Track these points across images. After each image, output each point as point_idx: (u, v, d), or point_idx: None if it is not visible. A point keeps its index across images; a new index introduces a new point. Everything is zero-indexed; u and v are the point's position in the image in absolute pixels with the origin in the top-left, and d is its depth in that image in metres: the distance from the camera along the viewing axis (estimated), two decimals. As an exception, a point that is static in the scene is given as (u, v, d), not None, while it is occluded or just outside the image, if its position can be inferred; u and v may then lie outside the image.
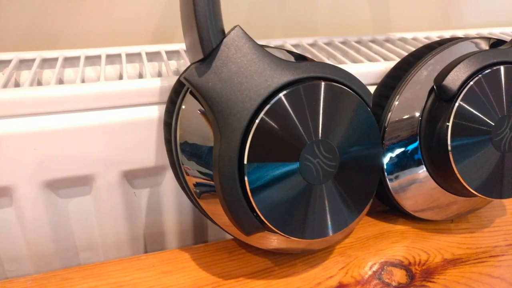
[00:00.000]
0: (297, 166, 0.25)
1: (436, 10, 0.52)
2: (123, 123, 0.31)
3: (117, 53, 0.37)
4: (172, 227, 0.38)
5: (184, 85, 0.28)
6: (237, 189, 0.24)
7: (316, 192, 0.26)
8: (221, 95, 0.24)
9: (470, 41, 0.34)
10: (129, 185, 0.34)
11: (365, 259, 0.31)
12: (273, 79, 0.24)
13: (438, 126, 0.30)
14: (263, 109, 0.24)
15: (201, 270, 0.30)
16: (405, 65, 0.34)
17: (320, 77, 0.26)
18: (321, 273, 0.30)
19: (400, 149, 0.32)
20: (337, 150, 0.26)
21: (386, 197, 0.34)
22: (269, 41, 0.41)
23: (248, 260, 0.31)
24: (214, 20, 0.23)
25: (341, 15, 0.48)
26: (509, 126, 0.30)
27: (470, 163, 0.29)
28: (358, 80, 0.27)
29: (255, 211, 0.25)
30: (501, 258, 0.32)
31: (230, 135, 0.24)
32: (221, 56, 0.24)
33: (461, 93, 0.29)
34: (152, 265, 0.30)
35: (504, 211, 0.37)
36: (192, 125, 0.26)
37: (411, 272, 0.30)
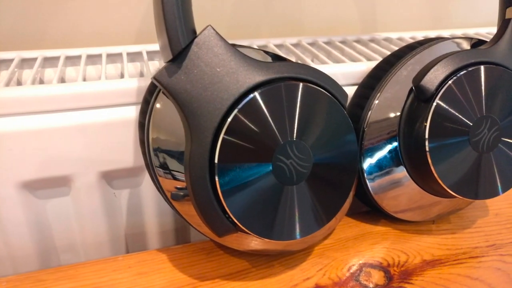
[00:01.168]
0: (269, 167, 0.25)
1: (423, 10, 0.51)
2: (101, 124, 0.31)
3: (98, 54, 0.37)
4: (153, 228, 0.37)
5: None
6: (208, 191, 0.24)
7: (290, 193, 0.25)
8: (192, 95, 0.24)
9: (451, 41, 0.34)
10: (108, 186, 0.34)
11: (344, 260, 0.31)
12: (245, 79, 0.24)
13: (417, 127, 0.30)
14: (234, 110, 0.24)
15: (178, 271, 0.30)
16: (386, 65, 0.34)
17: (293, 78, 0.25)
18: (298, 275, 0.30)
19: (380, 149, 0.32)
20: (310, 150, 0.25)
21: (366, 198, 0.33)
22: (252, 41, 0.41)
23: (225, 261, 0.31)
24: (184, 20, 0.23)
25: (329, 15, 0.48)
26: (488, 127, 0.29)
27: (448, 164, 0.29)
28: (333, 80, 0.27)
29: (227, 213, 0.24)
30: (481, 259, 0.32)
31: (201, 135, 0.24)
32: (192, 56, 0.24)
33: (439, 93, 0.29)
34: (128, 266, 0.30)
35: (486, 211, 0.37)
36: (164, 126, 0.26)
37: (389, 274, 0.30)
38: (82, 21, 0.40)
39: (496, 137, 0.30)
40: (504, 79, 0.30)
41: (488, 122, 0.29)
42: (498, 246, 0.33)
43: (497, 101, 0.29)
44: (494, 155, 0.30)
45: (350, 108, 0.34)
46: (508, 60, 0.30)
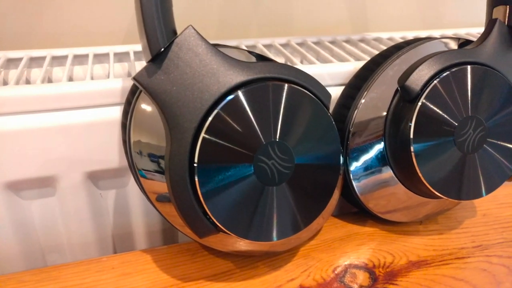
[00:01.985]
0: (251, 167, 0.24)
1: (415, 10, 0.51)
2: (86, 124, 0.31)
3: (85, 54, 0.37)
4: (140, 228, 0.37)
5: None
6: (188, 192, 0.24)
7: (271, 194, 0.25)
8: (171, 95, 0.23)
9: (438, 41, 0.34)
10: (94, 187, 0.34)
11: (329, 261, 0.31)
12: (226, 79, 0.24)
13: (402, 127, 0.30)
14: (214, 110, 0.23)
15: (161, 272, 0.30)
16: (372, 65, 0.34)
17: (275, 78, 0.25)
18: (282, 276, 0.30)
19: (366, 150, 0.31)
20: (293, 151, 0.25)
21: (353, 199, 0.33)
22: (241, 41, 0.41)
23: (210, 262, 0.30)
24: (163, 21, 0.23)
25: (320, 15, 0.47)
26: (473, 127, 0.29)
27: (433, 164, 0.29)
28: (316, 81, 0.27)
29: (208, 214, 0.24)
30: (466, 260, 0.32)
31: (181, 136, 0.23)
32: (172, 56, 0.24)
33: (424, 93, 0.29)
34: (112, 267, 0.30)
35: (474, 212, 0.37)
36: (145, 126, 0.26)
37: (374, 275, 0.30)
38: (69, 21, 0.39)
39: (481, 137, 0.30)
40: (489, 79, 0.29)
41: (473, 122, 0.29)
42: (484, 247, 0.33)
43: (482, 101, 0.29)
44: (479, 155, 0.30)
45: (336, 108, 0.34)
46: (493, 60, 0.30)
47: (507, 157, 0.30)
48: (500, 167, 0.30)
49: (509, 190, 0.39)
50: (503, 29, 0.31)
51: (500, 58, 0.30)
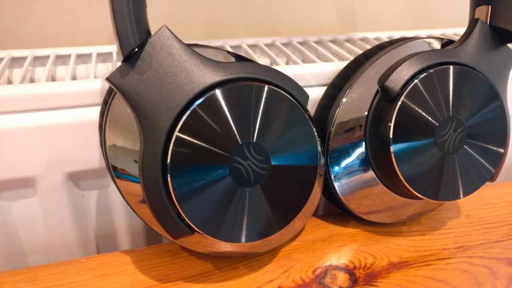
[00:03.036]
0: (226, 168, 0.24)
1: (403, 10, 0.51)
2: (65, 124, 0.31)
3: (67, 54, 0.37)
4: (123, 229, 0.37)
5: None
6: (161, 193, 0.24)
7: (247, 195, 0.25)
8: (144, 96, 0.23)
9: (421, 41, 0.34)
10: (75, 187, 0.34)
11: (310, 262, 0.31)
12: (200, 79, 0.24)
13: (382, 127, 0.29)
14: (187, 110, 0.23)
15: (140, 273, 0.29)
16: (355, 65, 0.33)
17: (250, 78, 0.25)
18: (262, 277, 0.29)
19: (347, 150, 0.31)
20: (269, 152, 0.25)
21: (335, 200, 0.33)
22: (226, 41, 0.41)
23: (189, 263, 0.30)
24: (135, 21, 0.22)
25: (307, 15, 0.47)
26: (453, 128, 0.29)
27: (413, 165, 0.29)
28: (293, 81, 0.27)
29: (182, 215, 0.24)
30: (448, 261, 0.31)
31: (154, 136, 0.23)
32: (145, 56, 0.23)
33: (404, 93, 0.28)
34: (90, 268, 0.30)
35: (458, 213, 0.36)
36: (120, 127, 0.26)
37: (354, 276, 0.30)
38: (51, 21, 0.39)
39: (462, 138, 0.29)
40: (470, 79, 0.29)
41: (454, 123, 0.29)
42: (467, 247, 0.33)
43: (463, 102, 0.29)
44: (460, 156, 0.30)
45: (318, 108, 0.34)
46: (474, 60, 0.30)
47: (487, 158, 0.30)
48: (480, 168, 0.30)
49: (493, 190, 0.39)
50: (485, 29, 0.31)
51: (481, 58, 0.30)
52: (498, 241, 0.33)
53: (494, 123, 0.30)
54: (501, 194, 0.39)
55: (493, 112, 0.30)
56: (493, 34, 0.31)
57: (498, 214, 0.36)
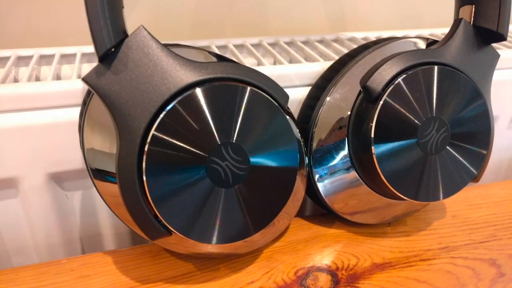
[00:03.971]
0: (203, 169, 0.24)
1: (393, 9, 0.51)
2: (47, 125, 0.31)
3: (51, 54, 0.37)
4: (108, 229, 0.37)
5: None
6: (137, 194, 0.23)
7: (225, 196, 0.25)
8: (120, 96, 0.23)
9: (405, 41, 0.34)
10: (59, 188, 0.34)
11: (292, 263, 0.31)
12: (176, 80, 0.24)
13: (364, 127, 0.29)
14: (163, 111, 0.23)
15: (121, 274, 0.29)
16: (339, 65, 0.33)
17: (228, 78, 0.25)
18: (243, 278, 0.29)
19: (329, 151, 0.31)
20: (247, 152, 0.25)
21: (318, 200, 0.33)
22: (213, 41, 0.41)
23: (171, 264, 0.30)
24: (110, 21, 0.22)
25: (296, 15, 0.47)
26: (436, 128, 0.29)
27: (395, 165, 0.29)
28: (272, 81, 0.26)
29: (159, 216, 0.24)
30: (431, 262, 0.31)
31: (129, 137, 0.23)
32: (121, 56, 0.23)
33: (385, 94, 0.28)
34: (71, 269, 0.29)
35: (443, 213, 0.36)
36: (97, 128, 0.25)
37: (336, 277, 0.30)
38: (35, 21, 0.39)
39: (445, 138, 0.29)
40: (452, 79, 0.29)
41: (437, 123, 0.29)
42: (451, 248, 0.32)
43: (446, 102, 0.29)
44: (443, 157, 0.29)
45: (302, 109, 0.34)
46: (456, 60, 0.30)
47: (470, 159, 0.30)
48: (463, 169, 0.30)
49: (480, 191, 0.39)
50: (468, 29, 0.30)
51: (464, 58, 0.30)
52: (482, 242, 0.33)
53: (477, 123, 0.30)
54: (488, 194, 0.39)
55: (476, 112, 0.30)
56: (476, 34, 0.31)
57: (483, 215, 0.36)
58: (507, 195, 0.39)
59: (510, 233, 0.34)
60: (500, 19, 0.30)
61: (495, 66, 0.32)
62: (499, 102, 0.43)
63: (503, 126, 0.45)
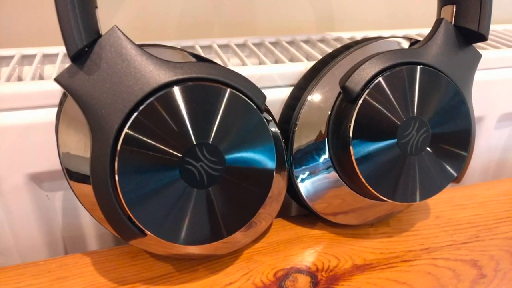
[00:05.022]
0: (177, 170, 0.24)
1: (382, 9, 0.51)
2: (26, 125, 0.31)
3: (33, 54, 0.36)
4: (91, 229, 0.37)
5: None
6: (110, 195, 0.23)
7: (200, 197, 0.25)
8: (93, 96, 0.23)
9: (387, 40, 0.34)
10: (39, 188, 0.34)
11: (272, 265, 0.31)
12: (150, 80, 0.23)
13: (343, 127, 0.29)
14: (136, 111, 0.23)
15: (98, 275, 0.29)
16: (321, 65, 0.33)
17: (203, 78, 0.25)
18: (221, 279, 0.29)
19: (309, 151, 0.31)
20: (222, 153, 0.25)
21: (299, 201, 0.33)
22: (197, 41, 0.40)
23: (149, 265, 0.30)
24: (81, 21, 0.22)
25: (284, 14, 0.47)
26: (416, 128, 0.29)
27: (374, 166, 0.29)
28: (249, 81, 0.26)
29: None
30: (412, 263, 0.31)
31: (102, 138, 0.23)
32: (94, 56, 0.23)
33: (364, 94, 0.28)
34: (48, 271, 0.29)
35: (427, 214, 0.36)
36: (72, 128, 0.25)
37: (316, 279, 0.30)
38: (17, 21, 0.39)
39: (425, 139, 0.29)
40: (432, 79, 0.29)
41: (417, 123, 0.29)
42: (432, 249, 0.32)
43: (425, 102, 0.29)
44: (423, 157, 0.29)
45: (284, 109, 0.34)
46: (437, 60, 0.30)
47: (450, 160, 0.30)
48: (443, 170, 0.30)
49: (465, 191, 0.39)
50: (449, 29, 0.30)
51: (444, 58, 0.30)
52: (464, 243, 0.33)
53: (457, 124, 0.30)
54: (473, 195, 0.38)
55: (457, 112, 0.30)
56: (457, 34, 0.30)
57: (467, 216, 0.36)
58: (492, 195, 0.38)
59: (493, 234, 0.34)
60: (481, 19, 0.29)
61: (477, 66, 0.31)
62: (486, 103, 0.43)
63: (490, 127, 0.45)
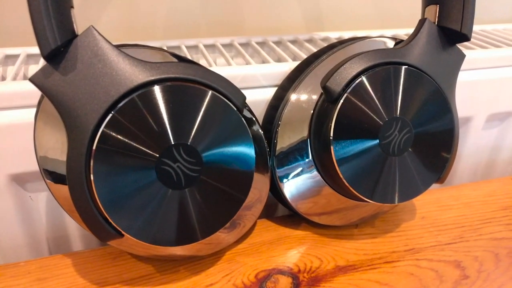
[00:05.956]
0: (153, 170, 0.24)
1: (372, 9, 0.51)
2: (7, 125, 0.30)
3: (17, 54, 0.36)
4: (75, 230, 0.37)
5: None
6: (86, 196, 0.23)
7: (177, 198, 0.25)
8: (69, 96, 0.23)
9: (370, 40, 0.33)
10: (21, 189, 0.34)
11: (253, 266, 0.30)
12: (126, 80, 0.23)
13: (324, 128, 0.29)
14: (111, 112, 0.23)
15: (79, 276, 0.29)
16: (304, 65, 0.33)
17: (180, 79, 0.25)
18: (202, 280, 0.29)
19: (292, 152, 0.31)
20: (200, 153, 0.25)
21: (283, 202, 0.33)
22: (183, 41, 0.40)
23: (130, 266, 0.30)
24: (55, 20, 0.22)
25: (273, 14, 0.47)
26: (398, 129, 0.29)
27: (355, 166, 0.28)
28: (227, 82, 0.26)
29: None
30: (395, 264, 0.31)
31: (78, 138, 0.23)
32: (70, 57, 0.23)
33: (345, 94, 0.28)
34: (28, 272, 0.29)
35: (413, 215, 0.36)
36: (48, 129, 0.25)
37: (297, 280, 0.29)
38: (1, 20, 0.39)
39: (407, 139, 0.29)
40: (414, 79, 0.29)
41: (399, 124, 0.29)
42: (416, 250, 0.32)
43: (407, 103, 0.29)
44: (405, 158, 0.29)
45: (267, 109, 0.34)
46: (419, 60, 0.29)
47: (433, 161, 0.30)
48: (426, 171, 0.30)
49: (452, 192, 0.39)
50: (432, 29, 0.30)
51: (427, 58, 0.30)
52: (449, 244, 0.33)
53: (440, 124, 0.30)
54: (459, 195, 0.38)
55: (439, 113, 0.30)
56: (440, 34, 0.30)
57: (453, 216, 0.36)
58: (479, 196, 0.38)
59: (477, 235, 0.34)
60: (464, 19, 0.29)
61: (460, 66, 0.31)
62: (474, 103, 0.43)
63: (478, 127, 0.45)
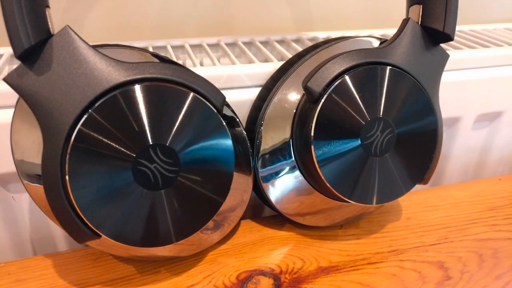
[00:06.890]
0: (129, 171, 0.24)
1: (363, 8, 0.50)
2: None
3: (0, 53, 0.36)
4: (60, 230, 0.37)
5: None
6: (61, 197, 0.23)
7: (153, 199, 0.24)
8: (44, 97, 0.23)
9: (354, 40, 0.33)
10: (4, 190, 0.33)
11: (235, 267, 0.30)
12: (102, 81, 0.23)
13: (305, 128, 0.29)
14: (87, 112, 0.23)
15: (59, 277, 0.29)
16: (288, 65, 0.33)
17: (157, 79, 0.24)
18: (183, 281, 0.29)
19: (275, 152, 0.31)
20: (178, 154, 0.25)
21: (267, 202, 0.33)
22: (169, 41, 0.40)
23: (111, 267, 0.30)
24: (29, 20, 0.22)
25: (264, 14, 0.47)
26: (380, 129, 0.29)
27: (337, 166, 0.28)
28: (206, 82, 0.26)
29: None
30: (379, 265, 0.31)
31: (53, 138, 0.23)
32: (45, 57, 0.23)
33: (325, 94, 0.28)
34: (8, 273, 0.29)
35: (398, 215, 0.36)
36: (24, 130, 0.25)
37: (279, 281, 0.29)
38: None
39: (390, 140, 0.29)
40: (396, 79, 0.29)
41: (381, 124, 0.28)
42: (400, 251, 0.32)
43: (390, 103, 0.28)
44: (388, 159, 0.29)
45: (251, 110, 0.34)
46: (401, 60, 0.29)
47: (416, 162, 0.30)
48: (409, 172, 0.30)
49: (439, 192, 0.39)
50: (416, 29, 0.30)
51: (410, 58, 0.30)
52: (433, 244, 0.33)
53: (423, 125, 0.30)
54: (446, 196, 0.38)
55: (422, 113, 0.29)
56: (424, 34, 0.30)
57: (438, 217, 0.36)
58: (466, 196, 0.38)
59: (462, 236, 0.33)
60: (447, 19, 0.29)
61: (444, 66, 0.31)
62: (463, 103, 0.43)
63: (467, 127, 0.44)
